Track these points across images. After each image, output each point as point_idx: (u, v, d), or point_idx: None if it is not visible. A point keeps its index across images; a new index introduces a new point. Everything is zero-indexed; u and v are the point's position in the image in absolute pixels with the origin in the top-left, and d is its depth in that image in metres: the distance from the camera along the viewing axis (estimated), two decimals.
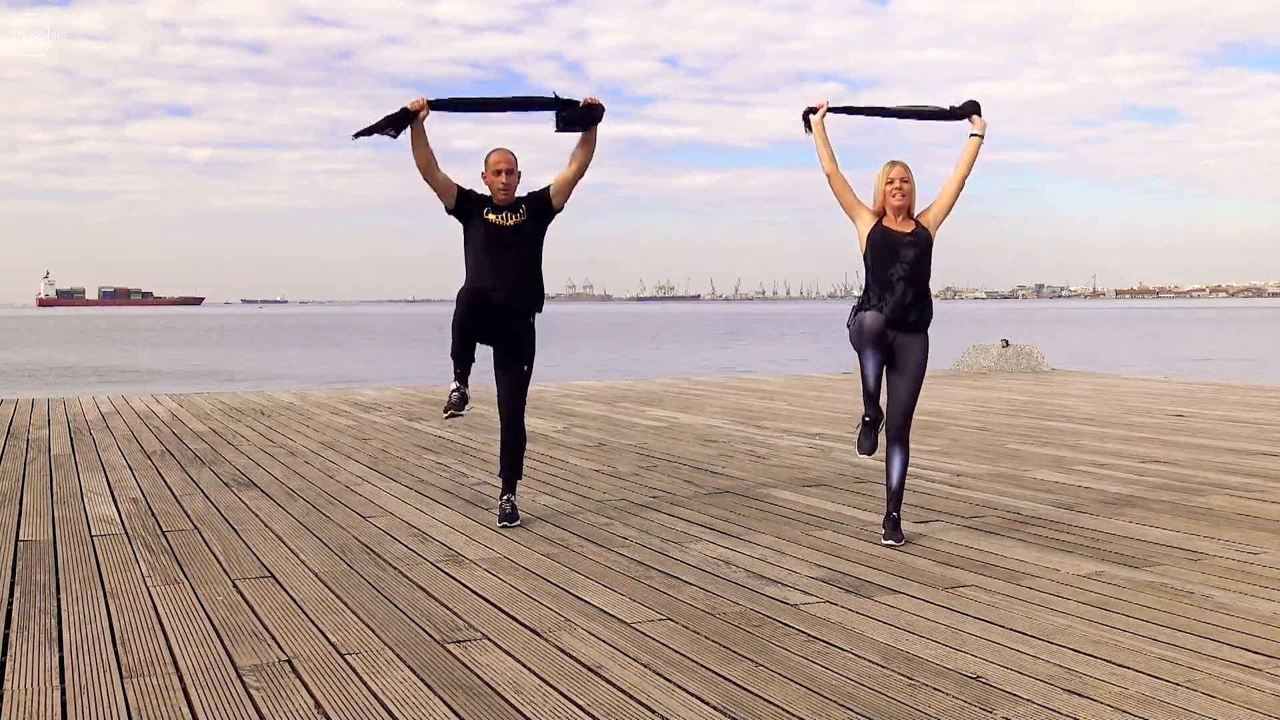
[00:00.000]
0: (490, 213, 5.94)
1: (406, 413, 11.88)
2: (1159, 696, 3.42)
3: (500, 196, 5.95)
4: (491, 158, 5.96)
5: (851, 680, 3.58)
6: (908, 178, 5.52)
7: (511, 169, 5.96)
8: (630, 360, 43.16)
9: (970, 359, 17.80)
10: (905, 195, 5.50)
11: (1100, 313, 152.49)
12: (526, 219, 5.98)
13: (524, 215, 5.97)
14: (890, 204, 5.51)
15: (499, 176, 5.92)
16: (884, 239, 5.50)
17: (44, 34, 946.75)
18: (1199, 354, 44.21)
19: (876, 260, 5.50)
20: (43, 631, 4.13)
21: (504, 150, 5.98)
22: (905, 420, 5.57)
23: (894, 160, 5.57)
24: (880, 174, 5.56)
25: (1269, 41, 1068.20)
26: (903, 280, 5.45)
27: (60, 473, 7.88)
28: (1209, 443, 9.06)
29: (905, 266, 5.45)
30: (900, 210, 5.51)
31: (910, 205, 5.54)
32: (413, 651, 3.88)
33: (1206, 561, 5.13)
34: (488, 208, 5.96)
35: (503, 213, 5.96)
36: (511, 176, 5.95)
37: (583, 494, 6.99)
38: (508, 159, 5.95)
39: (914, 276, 5.47)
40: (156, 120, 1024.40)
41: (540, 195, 6.05)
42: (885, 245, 5.49)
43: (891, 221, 5.53)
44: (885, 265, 5.48)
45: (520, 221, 5.96)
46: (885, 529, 5.56)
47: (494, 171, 5.94)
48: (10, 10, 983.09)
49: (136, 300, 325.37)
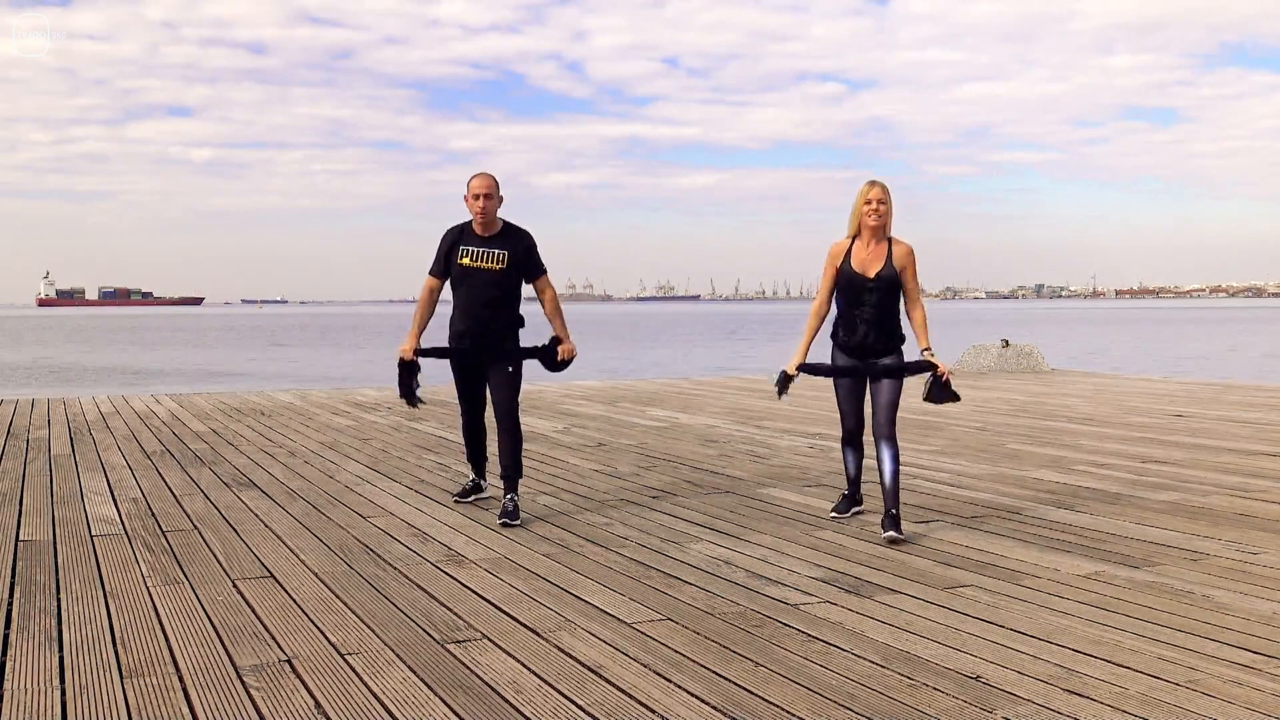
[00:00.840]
0: (464, 255, 6.09)
1: (406, 413, 11.88)
2: (1159, 696, 3.42)
3: (479, 221, 6.06)
4: (474, 182, 6.07)
5: (851, 680, 3.58)
6: (885, 199, 5.67)
7: (491, 194, 6.05)
8: (645, 361, 43.09)
9: (970, 359, 17.80)
10: (881, 216, 5.67)
11: (1100, 313, 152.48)
12: (507, 267, 6.09)
13: (504, 263, 6.08)
14: (866, 224, 5.68)
15: (478, 201, 6.03)
16: (850, 283, 5.70)
17: (44, 34, 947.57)
18: (1198, 354, 44.21)
19: (843, 298, 5.76)
20: (43, 631, 4.13)
21: (486, 175, 6.10)
22: (889, 418, 5.73)
23: (874, 180, 5.73)
24: (860, 193, 5.72)
25: (1269, 41, 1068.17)
26: (865, 323, 5.72)
27: (60, 473, 7.88)
28: (1209, 443, 9.06)
29: (868, 310, 5.71)
30: (876, 231, 5.68)
31: (885, 225, 5.70)
32: (413, 651, 3.88)
33: (1206, 561, 5.13)
34: (463, 248, 6.09)
35: (480, 251, 6.08)
36: (491, 202, 6.05)
37: (583, 494, 6.99)
38: (489, 184, 6.06)
39: (876, 319, 5.71)
40: (157, 120, 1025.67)
41: (530, 251, 6.17)
42: (851, 287, 5.71)
43: (862, 249, 5.69)
44: (850, 304, 5.74)
45: (499, 269, 6.08)
46: (884, 525, 5.61)
47: (474, 196, 6.05)
48: (11, 10, 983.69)
49: (136, 300, 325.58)
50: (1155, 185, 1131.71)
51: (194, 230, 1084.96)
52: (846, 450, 6.10)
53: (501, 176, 6.17)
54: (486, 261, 6.06)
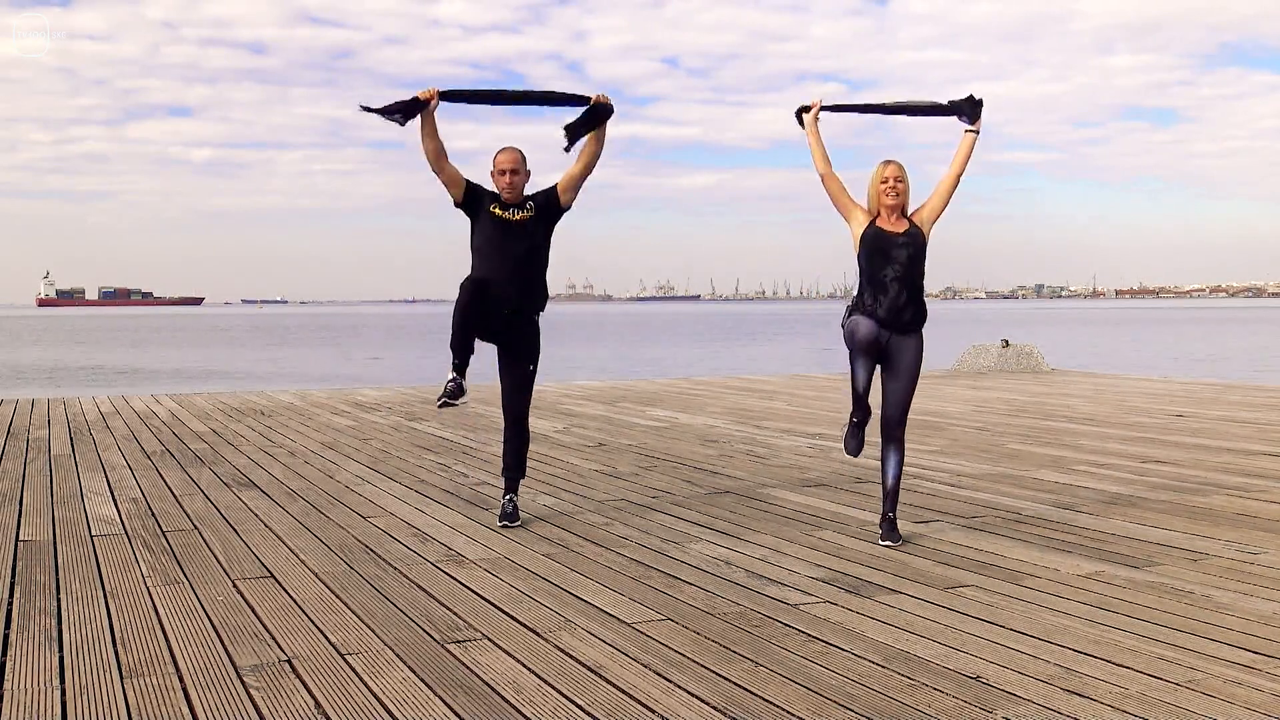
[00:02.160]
0: (498, 208, 5.94)
1: (406, 413, 11.88)
2: (1159, 696, 3.42)
3: (507, 196, 5.94)
4: (499, 157, 5.94)
5: (851, 680, 3.58)
6: (901, 177, 5.51)
7: (518, 169, 5.92)
8: (649, 360, 43.10)
9: (970, 359, 17.80)
10: (899, 195, 5.48)
11: (1100, 313, 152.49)
12: (534, 216, 5.97)
13: (531, 212, 5.97)
14: (884, 203, 5.49)
15: (504, 177, 5.90)
16: (877, 240, 5.48)
17: (45, 34, 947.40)
18: (1199, 354, 44.20)
19: (870, 261, 5.49)
20: (43, 631, 4.13)
21: (512, 150, 5.96)
22: (900, 419, 5.56)
23: (888, 160, 5.55)
24: (875, 173, 5.54)
25: (1269, 41, 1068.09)
26: (896, 281, 5.43)
27: (60, 473, 7.88)
28: (1209, 443, 9.06)
29: (899, 267, 5.44)
30: (894, 209, 5.49)
31: (904, 204, 5.52)
32: (413, 651, 3.88)
33: (1206, 561, 5.13)
34: (495, 203, 5.95)
35: (510, 209, 5.95)
36: (518, 177, 5.92)
37: (583, 494, 6.99)
38: (515, 159, 5.92)
39: (907, 277, 5.45)
40: (157, 120, 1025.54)
41: (548, 194, 6.04)
42: (878, 246, 5.47)
43: (885, 221, 5.51)
44: (878, 266, 5.46)
45: (527, 218, 5.95)
46: (882, 529, 5.56)
47: (500, 171, 5.92)
48: (11, 10, 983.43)
49: (136, 300, 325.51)
50: (1155, 185, 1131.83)
51: (194, 230, 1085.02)
52: (853, 433, 5.74)
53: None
54: (517, 213, 5.92)
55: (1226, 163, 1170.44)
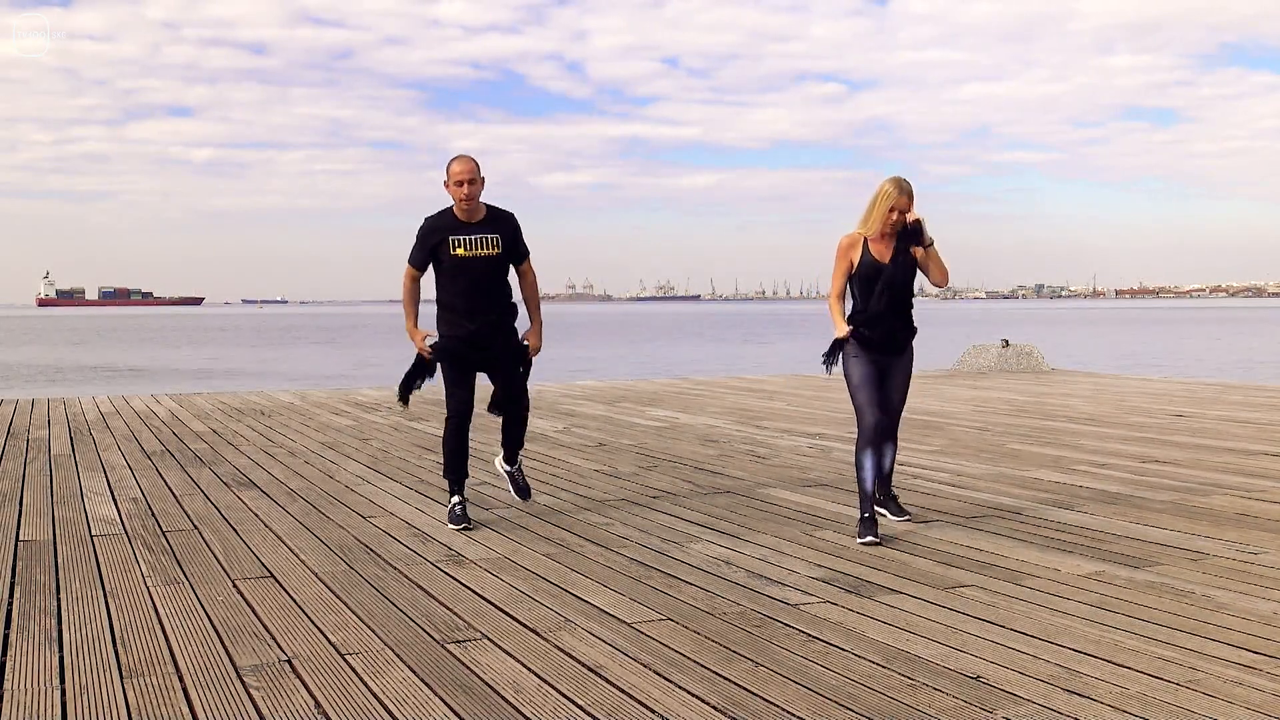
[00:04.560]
0: (457, 246, 5.87)
1: (406, 413, 11.88)
2: (1159, 696, 3.42)
3: (463, 207, 5.87)
4: (455, 168, 5.85)
5: (851, 680, 3.58)
6: (910, 207, 5.56)
7: (474, 179, 5.85)
8: (655, 360, 43.08)
9: (970, 359, 17.80)
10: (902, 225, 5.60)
11: (1100, 313, 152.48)
12: (502, 251, 5.96)
13: (499, 248, 5.93)
14: (884, 229, 5.59)
15: (462, 188, 5.83)
16: (871, 269, 5.64)
17: (45, 34, 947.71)
18: (1198, 354, 44.20)
19: (863, 288, 5.70)
20: (43, 631, 4.13)
21: (467, 158, 5.88)
22: (896, 421, 5.94)
23: (899, 181, 5.56)
24: (884, 192, 5.55)
25: (1269, 41, 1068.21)
26: (889, 307, 5.67)
27: (60, 473, 7.88)
28: (1209, 443, 9.06)
29: (891, 294, 5.65)
30: (892, 235, 5.63)
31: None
32: (413, 651, 3.88)
33: (1206, 561, 5.13)
34: (453, 239, 5.88)
35: (473, 239, 5.89)
36: (474, 186, 5.86)
37: (583, 494, 6.99)
38: (471, 169, 5.85)
39: (899, 301, 5.70)
40: (157, 120, 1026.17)
41: (517, 232, 6.05)
42: (872, 275, 5.65)
43: (877, 244, 5.64)
44: (871, 294, 5.67)
45: (495, 254, 5.93)
46: (891, 510, 5.98)
47: (456, 182, 5.84)
48: (11, 10, 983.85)
49: (136, 300, 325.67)
50: (1155, 185, 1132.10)
51: (194, 230, 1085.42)
52: (868, 455, 5.64)
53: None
54: (482, 249, 5.89)
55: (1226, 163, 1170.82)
